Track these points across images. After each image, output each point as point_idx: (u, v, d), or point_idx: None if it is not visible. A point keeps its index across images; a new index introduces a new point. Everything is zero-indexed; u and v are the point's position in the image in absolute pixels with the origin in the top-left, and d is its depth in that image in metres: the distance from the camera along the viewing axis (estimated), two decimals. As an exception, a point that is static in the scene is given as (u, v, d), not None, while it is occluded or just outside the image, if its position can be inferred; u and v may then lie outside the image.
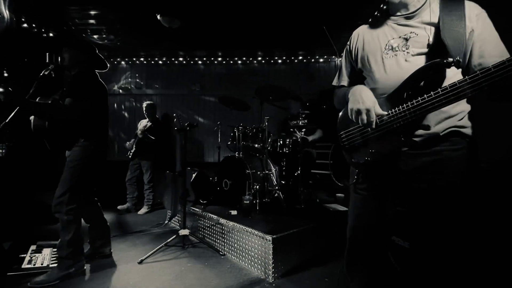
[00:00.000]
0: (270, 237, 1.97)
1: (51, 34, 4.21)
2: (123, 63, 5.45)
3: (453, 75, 0.93)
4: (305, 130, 3.19)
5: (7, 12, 3.36)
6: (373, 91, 1.06)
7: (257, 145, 3.15)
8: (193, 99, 5.45)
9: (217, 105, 4.99)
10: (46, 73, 1.93)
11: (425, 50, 0.97)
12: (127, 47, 4.93)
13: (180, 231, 2.49)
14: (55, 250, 2.28)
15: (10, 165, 3.67)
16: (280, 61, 5.31)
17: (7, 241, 2.44)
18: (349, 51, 1.23)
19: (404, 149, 1.01)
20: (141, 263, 2.18)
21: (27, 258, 2.15)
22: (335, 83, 1.31)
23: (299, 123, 3.07)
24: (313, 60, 5.26)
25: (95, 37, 4.44)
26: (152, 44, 4.80)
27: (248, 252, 2.16)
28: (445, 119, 0.96)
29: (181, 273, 2.04)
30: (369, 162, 1.07)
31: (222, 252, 2.39)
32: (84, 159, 1.93)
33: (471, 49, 0.93)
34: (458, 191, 0.97)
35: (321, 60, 5.26)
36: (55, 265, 1.95)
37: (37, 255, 2.21)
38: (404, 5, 1.03)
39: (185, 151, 2.71)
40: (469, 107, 1.01)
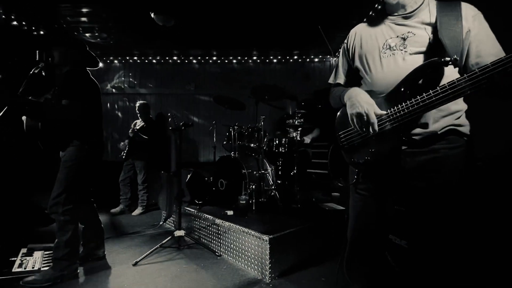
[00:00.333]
0: (267, 237, 1.96)
1: (41, 32, 4.12)
2: (116, 62, 5.37)
3: (450, 74, 0.94)
4: (301, 129, 3.19)
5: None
6: (370, 91, 1.07)
7: (253, 145, 3.14)
8: (187, 98, 5.40)
9: (212, 104, 4.96)
10: (36, 71, 1.87)
11: (423, 49, 0.98)
12: (120, 46, 4.85)
13: (175, 232, 2.46)
14: (46, 253, 2.23)
15: (-1, 166, 3.57)
16: (275, 61, 5.30)
17: (-3, 244, 2.38)
18: (346, 49, 1.23)
19: (403, 147, 1.01)
20: (136, 265, 2.14)
21: (18, 261, 2.09)
22: (331, 81, 1.31)
23: (295, 122, 3.07)
24: (308, 60, 5.27)
25: (87, 35, 4.36)
26: (145, 42, 4.74)
27: (244, 252, 2.14)
28: (443, 117, 0.97)
29: (177, 275, 2.01)
30: (369, 161, 1.06)
31: (218, 252, 2.37)
32: (79, 159, 1.90)
33: (468, 49, 0.94)
34: (455, 189, 0.98)
35: (316, 60, 5.27)
36: (46, 268, 1.90)
37: (28, 258, 2.15)
38: (401, 6, 1.04)
39: (180, 151, 2.68)
40: (466, 106, 1.02)
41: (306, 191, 3.30)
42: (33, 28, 4.03)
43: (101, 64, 2.19)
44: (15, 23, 3.79)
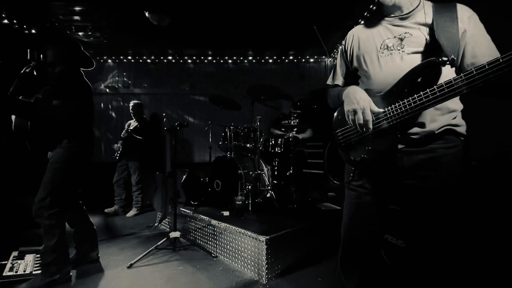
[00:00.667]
0: (263, 238, 1.95)
1: (33, 30, 4.04)
2: (109, 61, 5.30)
3: (446, 74, 0.95)
4: (296, 129, 3.20)
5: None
6: (368, 90, 1.07)
7: (249, 145, 3.13)
8: (182, 98, 5.36)
9: (207, 104, 4.93)
10: (27, 71, 1.83)
11: (420, 49, 0.99)
12: (114, 45, 4.78)
13: (170, 234, 2.43)
14: (38, 256, 2.18)
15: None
16: (271, 61, 5.30)
17: (-14, 248, 2.32)
18: (344, 51, 1.24)
19: (400, 146, 1.01)
20: (131, 267, 2.11)
21: (9, 265, 2.04)
22: (329, 82, 1.32)
23: (291, 122, 3.07)
24: (303, 60, 5.28)
25: (80, 34, 4.28)
26: (140, 42, 4.68)
27: (241, 253, 2.13)
28: (440, 117, 0.98)
29: (173, 276, 1.99)
30: (365, 159, 1.07)
31: (214, 254, 2.35)
32: (67, 161, 1.85)
33: (464, 49, 0.95)
34: (452, 188, 0.99)
35: (312, 60, 5.28)
36: (38, 272, 1.86)
37: (19, 261, 2.10)
38: (398, 7, 1.05)
39: (175, 151, 2.65)
40: (462, 106, 1.03)
41: (302, 191, 3.30)
42: (25, 26, 3.95)
43: (94, 62, 2.15)
44: (6, 21, 3.71)
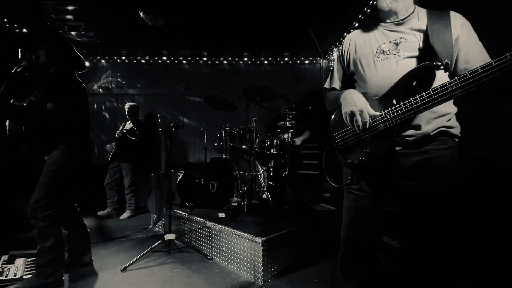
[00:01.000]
0: (259, 239, 1.94)
1: (24, 30, 3.96)
2: (103, 61, 5.23)
3: (440, 78, 0.97)
4: (292, 131, 3.20)
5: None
6: (364, 94, 1.10)
7: (244, 146, 3.12)
8: (177, 99, 5.32)
9: (202, 105, 4.90)
10: (18, 71, 1.79)
11: (415, 54, 1.02)
12: (107, 45, 4.72)
13: (165, 236, 2.40)
14: (29, 260, 2.13)
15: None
16: (266, 62, 5.30)
17: (-26, 252, 2.25)
18: (341, 55, 1.26)
19: (397, 148, 1.03)
20: (124, 270, 2.08)
21: (-2, 269, 1.99)
22: (327, 85, 1.34)
23: (287, 124, 3.07)
24: (298, 61, 5.30)
25: (73, 33, 4.22)
26: (134, 42, 4.63)
27: (236, 255, 2.12)
28: (435, 119, 1.00)
29: (167, 280, 1.96)
30: (363, 162, 1.08)
31: (209, 256, 2.33)
32: (64, 163, 1.82)
33: (457, 55, 0.98)
34: (447, 188, 1.01)
35: (307, 61, 5.31)
36: (29, 276, 1.81)
37: (9, 266, 2.05)
38: (394, 13, 1.08)
39: (170, 152, 2.62)
40: (456, 109, 1.06)
41: (297, 192, 3.31)
42: (16, 25, 3.87)
43: (87, 63, 2.11)
44: (-4, 20, 3.63)
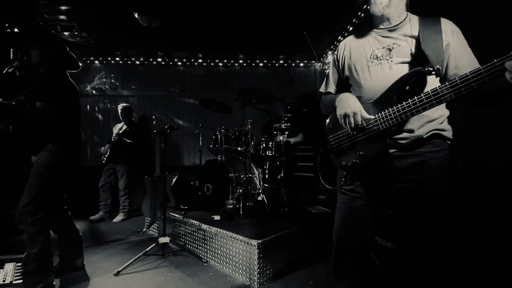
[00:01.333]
0: (255, 242, 1.94)
1: (16, 29, 3.89)
2: (96, 62, 5.17)
3: (431, 83, 0.99)
4: (287, 133, 3.21)
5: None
6: (359, 98, 1.12)
7: (240, 148, 3.12)
8: (172, 101, 5.29)
9: (197, 107, 4.88)
10: (9, 71, 1.76)
11: (407, 59, 1.05)
12: (101, 46, 4.67)
13: (159, 239, 2.37)
14: (19, 264, 2.08)
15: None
16: (261, 65, 5.33)
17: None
18: (336, 60, 1.28)
19: (391, 151, 1.04)
20: (118, 274, 2.05)
21: (-14, 275, 1.94)
22: (322, 89, 1.36)
23: (282, 126, 3.08)
24: (293, 64, 5.34)
25: (66, 34, 4.16)
26: (128, 43, 4.59)
27: (232, 258, 2.11)
28: (427, 122, 1.02)
29: (162, 283, 1.94)
30: (357, 164, 1.09)
31: (204, 259, 2.32)
32: (52, 165, 1.78)
33: (447, 61, 1.01)
34: (440, 190, 1.02)
35: (301, 64, 5.35)
36: (19, 281, 1.77)
37: (-3, 271, 2.00)
38: (386, 18, 1.10)
39: (164, 154, 2.60)
40: (448, 112, 1.08)
41: (293, 194, 3.32)
42: (7, 25, 3.80)
43: (80, 64, 2.09)
44: (-14, 19, 3.56)
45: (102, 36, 4.28)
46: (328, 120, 1.27)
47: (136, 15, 3.39)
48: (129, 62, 5.19)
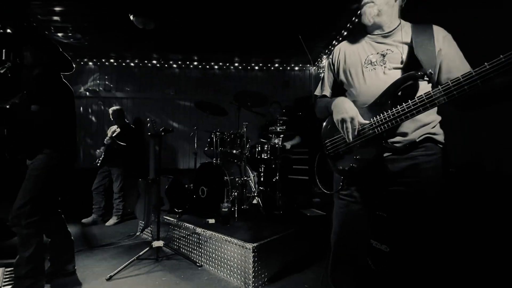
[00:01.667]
0: (250, 246, 1.93)
1: (8, 30, 3.84)
2: (90, 63, 5.13)
3: (424, 88, 1.02)
4: (283, 136, 3.22)
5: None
6: (354, 102, 1.13)
7: (235, 151, 3.11)
8: (167, 103, 5.26)
9: (193, 110, 4.88)
10: (1, 72, 1.73)
11: (400, 65, 1.07)
12: (95, 48, 4.63)
13: (153, 243, 2.35)
14: (8, 270, 2.03)
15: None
16: (256, 68, 5.35)
17: None
18: (332, 64, 1.30)
19: (386, 154, 1.06)
20: (110, 279, 2.01)
21: (-27, 281, 1.88)
22: (317, 93, 1.38)
23: (277, 129, 3.09)
24: (288, 68, 5.37)
25: (60, 35, 4.12)
26: (123, 45, 4.56)
27: (227, 261, 2.09)
28: (420, 127, 1.04)
29: (156, 288, 1.92)
30: (354, 168, 1.10)
31: (199, 263, 2.30)
32: (48, 168, 1.75)
33: (440, 66, 1.04)
34: (434, 192, 1.04)
35: (297, 68, 5.38)
36: (9, 287, 1.72)
37: (-15, 276, 1.94)
38: (378, 26, 1.14)
39: (159, 157, 2.58)
40: (439, 118, 1.11)
41: (288, 197, 3.32)
42: (0, 25, 3.75)
43: (74, 65, 2.07)
44: (-22, 19, 3.51)
45: (96, 37, 4.24)
46: (324, 124, 1.28)
47: (131, 17, 3.38)
48: (124, 64, 5.16)
